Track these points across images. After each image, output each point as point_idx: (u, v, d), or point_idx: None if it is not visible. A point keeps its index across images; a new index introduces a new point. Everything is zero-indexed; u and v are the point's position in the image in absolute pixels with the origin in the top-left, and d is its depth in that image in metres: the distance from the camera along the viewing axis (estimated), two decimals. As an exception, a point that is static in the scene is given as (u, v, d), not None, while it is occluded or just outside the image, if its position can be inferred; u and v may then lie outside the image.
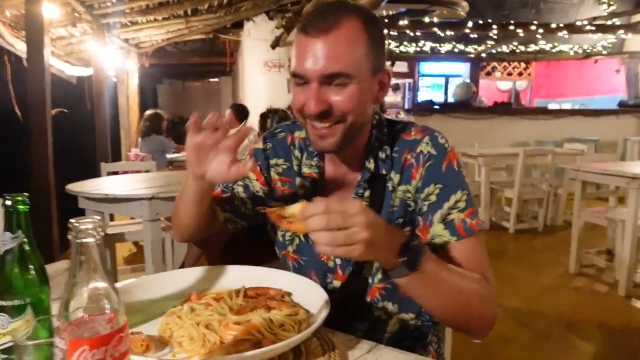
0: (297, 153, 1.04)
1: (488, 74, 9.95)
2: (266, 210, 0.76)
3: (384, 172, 0.94)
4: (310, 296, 0.83)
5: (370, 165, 0.94)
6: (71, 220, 0.47)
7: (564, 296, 3.17)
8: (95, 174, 4.15)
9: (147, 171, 3.85)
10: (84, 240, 0.47)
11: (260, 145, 1.08)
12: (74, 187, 2.58)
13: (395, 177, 0.94)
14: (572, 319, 2.79)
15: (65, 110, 4.21)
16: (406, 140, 0.96)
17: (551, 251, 4.15)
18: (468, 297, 0.81)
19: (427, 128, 0.97)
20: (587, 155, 4.62)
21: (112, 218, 4.20)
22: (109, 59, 5.21)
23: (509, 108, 7.15)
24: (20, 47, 3.84)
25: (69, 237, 0.47)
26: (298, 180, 1.02)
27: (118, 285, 0.87)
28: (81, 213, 2.80)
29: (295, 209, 0.71)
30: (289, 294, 0.86)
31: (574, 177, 3.44)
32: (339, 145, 0.88)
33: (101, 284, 0.48)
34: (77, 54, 5.44)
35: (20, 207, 0.63)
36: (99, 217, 0.48)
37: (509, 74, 10.16)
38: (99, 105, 4.92)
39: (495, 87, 10.63)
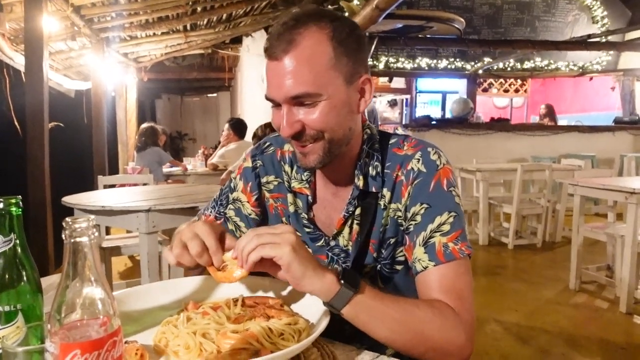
0: (287, 168, 1.01)
1: (485, 90, 10.02)
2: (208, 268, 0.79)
3: (374, 189, 0.91)
4: (310, 306, 0.81)
5: (360, 182, 0.91)
6: (66, 219, 0.46)
7: (565, 312, 3.14)
8: (93, 187, 4.13)
9: (144, 184, 3.84)
10: (77, 239, 0.46)
11: (249, 163, 1.05)
12: (70, 199, 2.56)
13: (387, 194, 0.91)
14: (573, 336, 2.76)
15: (61, 125, 4.20)
16: (398, 155, 0.92)
17: (551, 267, 4.12)
18: (420, 325, 0.76)
19: (421, 142, 0.93)
20: (585, 171, 4.63)
21: (107, 232, 4.16)
22: (108, 73, 5.23)
23: (506, 124, 7.20)
24: (19, 61, 3.86)
25: (63, 236, 0.45)
26: (290, 196, 1.00)
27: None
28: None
29: (228, 255, 0.77)
30: (288, 304, 0.84)
31: (573, 192, 3.43)
32: (322, 162, 0.86)
33: (95, 287, 0.46)
34: (76, 68, 5.47)
35: (13, 209, 0.61)
36: (93, 217, 0.47)
37: (506, 91, 10.24)
38: (97, 119, 4.92)
39: (492, 103, 10.71)
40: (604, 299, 3.34)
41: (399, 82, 9.92)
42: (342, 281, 0.73)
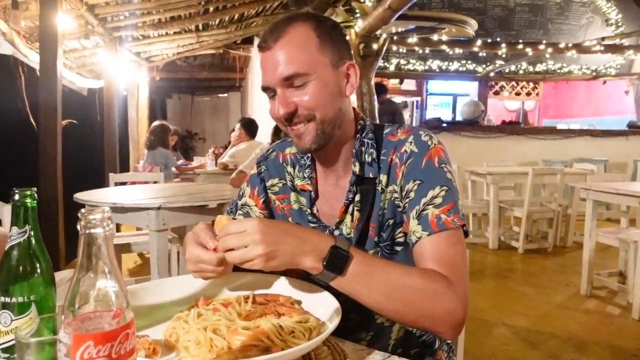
0: (289, 169, 1.07)
1: (496, 93, 9.95)
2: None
3: (371, 175, 0.95)
4: (321, 304, 0.80)
5: (356, 168, 0.95)
6: (81, 210, 0.46)
7: (575, 318, 3.10)
8: (104, 184, 4.16)
9: (155, 182, 3.86)
10: (92, 231, 0.46)
11: (255, 170, 1.12)
12: (81, 195, 2.58)
13: (384, 178, 0.95)
14: (583, 341, 2.72)
15: (75, 122, 4.24)
16: (392, 141, 0.97)
17: (561, 272, 4.08)
18: (410, 293, 0.78)
19: (413, 128, 0.98)
20: (597, 175, 4.57)
21: (118, 229, 4.20)
22: (120, 71, 5.27)
23: (517, 127, 7.13)
24: (33, 58, 3.90)
25: (78, 227, 0.45)
26: (293, 195, 1.05)
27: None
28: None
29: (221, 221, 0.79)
30: (299, 302, 0.84)
31: (585, 196, 3.39)
32: (316, 142, 0.91)
33: (109, 278, 0.46)
34: (89, 66, 5.52)
35: (28, 201, 0.62)
36: (108, 208, 0.47)
37: (517, 94, 10.16)
38: (108, 117, 4.96)
39: (503, 106, 10.62)
40: (615, 305, 3.29)
41: (409, 84, 9.89)
42: (325, 263, 0.76)
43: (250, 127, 4.74)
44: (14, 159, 3.45)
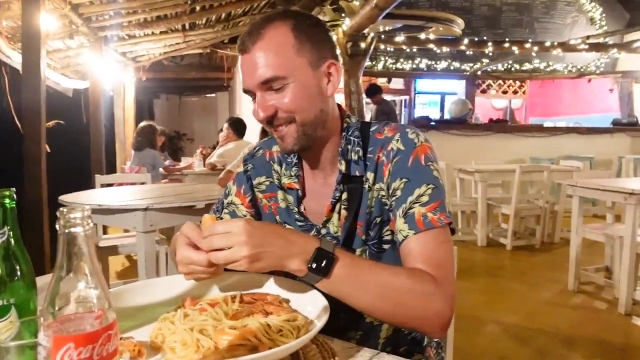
0: (276, 167, 1.06)
1: (483, 91, 10.03)
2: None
3: (357, 173, 0.95)
4: (309, 302, 0.80)
5: (342, 166, 0.95)
6: (60, 209, 0.45)
7: (563, 313, 3.13)
8: (90, 186, 4.10)
9: (142, 183, 3.82)
10: (72, 230, 0.44)
11: (241, 168, 1.11)
12: (67, 197, 2.54)
13: (371, 176, 0.95)
14: (572, 337, 2.75)
15: (62, 122, 4.18)
16: (379, 139, 0.96)
17: (549, 268, 4.12)
18: (398, 294, 0.78)
19: (400, 126, 0.98)
20: (583, 172, 4.62)
21: (105, 231, 4.14)
22: (106, 72, 5.21)
23: (505, 125, 7.20)
24: (16, 59, 3.83)
25: (57, 226, 0.44)
26: (280, 193, 1.04)
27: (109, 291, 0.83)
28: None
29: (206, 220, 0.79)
30: (287, 300, 0.83)
31: (572, 193, 3.43)
32: (298, 144, 0.91)
33: (90, 279, 0.45)
34: (74, 67, 5.45)
35: (7, 202, 0.60)
36: (88, 207, 0.46)
37: (504, 92, 10.25)
38: (94, 118, 4.90)
39: (491, 105, 10.71)
40: (602, 300, 3.33)
41: (397, 83, 9.93)
42: (310, 266, 0.75)
43: (238, 127, 4.71)
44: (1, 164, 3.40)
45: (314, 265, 0.75)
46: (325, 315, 0.72)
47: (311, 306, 0.78)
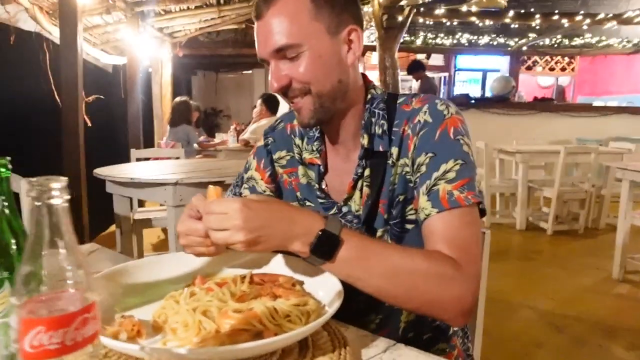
0: (297, 141, 1.01)
1: (529, 68, 9.54)
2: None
3: (380, 148, 0.89)
4: (323, 286, 0.75)
5: (364, 141, 0.89)
6: (32, 179, 0.41)
7: (605, 302, 2.98)
8: (127, 161, 4.19)
9: (176, 158, 3.87)
10: (47, 201, 0.40)
11: (262, 142, 1.07)
12: (101, 171, 2.59)
13: (395, 151, 0.89)
14: (613, 327, 2.60)
15: (102, 97, 4.27)
16: (405, 112, 0.90)
17: (592, 255, 3.92)
18: (412, 278, 0.72)
19: (430, 97, 0.90)
20: (635, 155, 4.34)
21: (142, 204, 4.24)
22: (143, 47, 5.25)
23: (550, 104, 6.84)
24: (56, 34, 3.90)
25: (29, 197, 0.40)
26: (301, 168, 1.00)
27: (118, 266, 0.81)
28: (109, 198, 2.82)
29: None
30: (301, 283, 0.78)
31: (621, 176, 3.22)
32: (315, 117, 0.86)
33: (66, 256, 0.41)
34: (113, 43, 5.52)
35: (2, 171, 0.57)
36: (65, 178, 0.41)
37: (551, 69, 9.71)
38: (132, 93, 4.98)
39: (536, 82, 10.19)
40: (649, 290, 3.14)
41: (437, 59, 9.58)
42: (312, 248, 0.70)
43: (271, 103, 4.68)
44: (39, 135, 3.50)
45: (316, 248, 0.70)
46: (338, 300, 0.67)
47: (324, 290, 0.73)
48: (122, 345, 0.55)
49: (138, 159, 3.80)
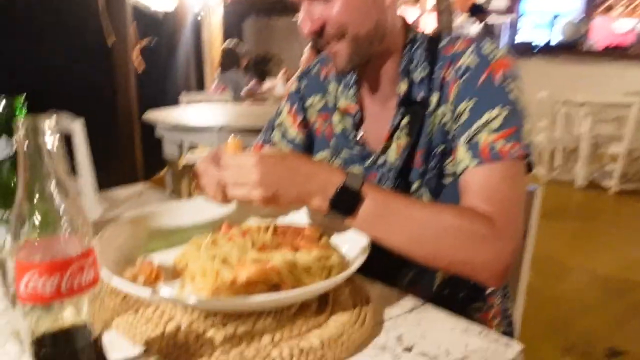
0: (332, 86, 0.95)
1: (606, 10, 8.63)
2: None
3: (420, 96, 0.82)
4: (350, 240, 0.71)
5: (402, 88, 0.82)
6: (22, 118, 0.38)
7: (670, 269, 2.78)
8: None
9: (226, 102, 3.89)
10: (39, 142, 0.38)
11: (295, 86, 1.02)
12: (150, 115, 2.64)
13: (435, 98, 0.81)
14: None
15: (156, 38, 4.32)
16: (447, 55, 0.81)
17: (660, 217, 3.64)
18: (440, 235, 0.67)
19: (476, 38, 0.81)
20: None
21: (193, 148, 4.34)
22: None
23: (625, 52, 6.21)
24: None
25: (19, 138, 0.38)
26: (336, 116, 0.94)
27: (146, 210, 0.81)
28: (158, 142, 2.89)
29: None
30: (329, 235, 0.75)
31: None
32: (351, 63, 0.80)
33: (61, 199, 0.39)
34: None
35: (17, 110, 0.56)
36: (55, 115, 0.38)
37: (633, 12, 8.74)
38: (182, 38, 5.01)
39: (612, 29, 9.24)
40: None
41: (500, 1, 8.85)
42: (332, 205, 0.66)
43: (319, 50, 4.54)
44: (94, 78, 3.61)
45: (335, 204, 0.66)
46: (362, 256, 0.63)
47: (350, 244, 0.69)
48: (133, 288, 0.55)
49: (189, 103, 3.86)
